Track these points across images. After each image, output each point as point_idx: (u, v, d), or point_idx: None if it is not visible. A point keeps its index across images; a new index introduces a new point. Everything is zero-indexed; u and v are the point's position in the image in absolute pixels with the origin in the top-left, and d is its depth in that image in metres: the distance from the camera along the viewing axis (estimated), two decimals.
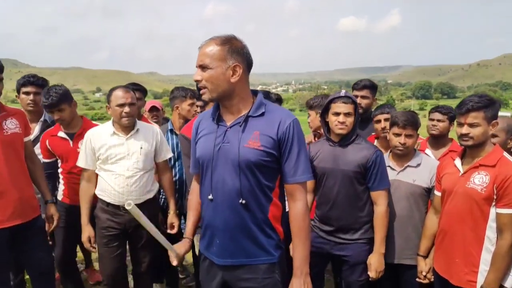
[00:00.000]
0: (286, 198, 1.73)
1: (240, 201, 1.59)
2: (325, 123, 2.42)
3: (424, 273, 2.29)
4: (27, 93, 2.96)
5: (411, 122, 2.37)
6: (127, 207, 1.51)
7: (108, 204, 2.51)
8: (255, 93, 1.69)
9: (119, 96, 2.45)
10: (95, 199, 2.59)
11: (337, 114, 2.28)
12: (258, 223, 1.63)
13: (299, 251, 1.62)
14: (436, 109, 2.95)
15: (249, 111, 1.63)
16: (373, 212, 2.32)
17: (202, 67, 1.56)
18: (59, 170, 2.84)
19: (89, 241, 2.55)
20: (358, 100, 3.03)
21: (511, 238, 1.88)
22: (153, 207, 2.67)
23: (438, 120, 2.87)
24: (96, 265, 3.78)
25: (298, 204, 1.65)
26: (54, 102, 2.61)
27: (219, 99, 1.62)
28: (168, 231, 2.70)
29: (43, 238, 2.54)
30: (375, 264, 2.27)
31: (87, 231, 2.54)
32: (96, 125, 2.85)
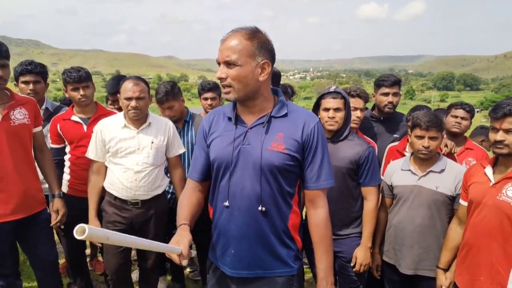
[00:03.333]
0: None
1: (260, 208, 1.48)
2: None
3: (443, 287, 2.16)
4: (26, 83, 2.81)
5: (435, 123, 2.19)
6: (77, 236, 1.05)
7: (115, 198, 2.44)
8: (274, 90, 1.56)
9: (127, 88, 2.34)
10: (103, 191, 2.53)
11: (327, 109, 2.26)
12: (277, 232, 1.53)
13: (323, 262, 1.53)
14: (461, 106, 2.82)
15: (272, 111, 1.50)
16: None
17: (228, 64, 1.41)
18: (67, 157, 2.75)
19: None
20: (390, 98, 2.83)
21: None
22: (161, 204, 2.59)
23: (462, 118, 2.76)
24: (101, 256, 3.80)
25: (321, 211, 1.56)
26: (84, 76, 2.60)
27: (244, 99, 1.48)
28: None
29: (48, 232, 2.49)
30: (361, 258, 2.27)
31: (94, 225, 2.47)
32: (111, 112, 2.78)
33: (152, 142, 2.43)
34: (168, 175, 2.68)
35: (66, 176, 2.75)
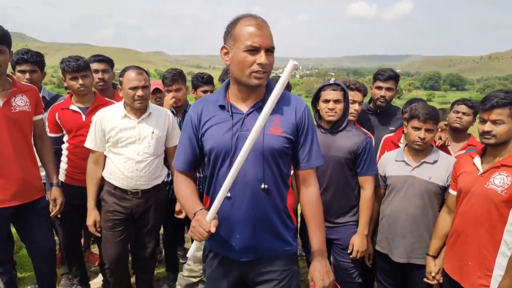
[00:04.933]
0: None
1: (262, 186, 1.53)
2: (316, 111, 2.45)
3: (433, 274, 2.25)
4: (22, 72, 2.81)
5: (433, 116, 2.28)
6: None
7: (115, 187, 2.47)
8: None
9: (131, 78, 2.37)
10: (101, 181, 2.55)
11: (327, 101, 2.33)
12: (279, 212, 1.59)
13: (317, 236, 1.60)
14: (462, 101, 2.85)
15: (265, 96, 1.54)
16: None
17: (270, 51, 1.46)
18: (64, 146, 2.76)
19: (95, 225, 2.51)
20: (382, 92, 2.91)
21: None
22: (161, 193, 2.63)
23: (464, 113, 2.78)
24: (94, 248, 3.77)
25: (312, 189, 1.63)
26: (83, 65, 2.61)
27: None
28: (176, 216, 2.69)
29: (46, 219, 2.50)
30: (357, 245, 2.36)
31: (93, 215, 2.50)
32: (109, 101, 2.80)
33: (153, 132, 2.46)
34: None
35: (63, 165, 2.76)
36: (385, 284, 2.58)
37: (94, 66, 2.97)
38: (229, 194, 1.54)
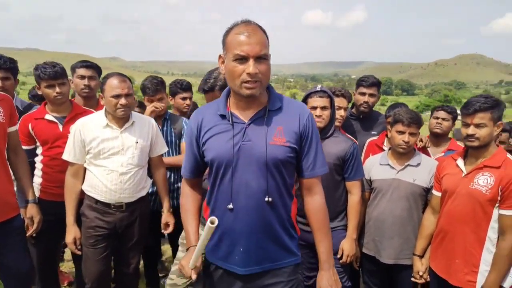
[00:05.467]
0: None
1: (266, 199, 1.48)
2: None
3: (420, 273, 2.32)
4: None
5: (416, 120, 2.38)
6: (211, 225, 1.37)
7: (97, 201, 2.33)
8: None
9: (114, 85, 2.25)
10: (81, 195, 2.39)
11: (314, 108, 2.35)
12: (283, 223, 1.56)
13: (324, 245, 1.58)
14: (441, 108, 2.99)
15: (268, 105, 1.52)
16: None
17: (260, 59, 1.39)
18: (38, 159, 2.56)
19: (75, 242, 2.35)
20: (366, 98, 2.99)
21: None
22: (145, 206, 2.52)
23: (443, 119, 2.91)
24: (65, 266, 3.57)
25: (318, 197, 1.61)
26: (60, 72, 2.47)
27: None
28: (163, 231, 2.58)
29: (21, 239, 2.29)
30: (347, 250, 2.38)
31: (73, 231, 2.34)
32: (87, 110, 2.65)
33: (137, 142, 2.36)
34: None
35: (37, 179, 2.55)
36: (371, 285, 2.63)
37: (81, 72, 2.82)
38: (231, 206, 1.51)
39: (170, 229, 2.59)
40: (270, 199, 1.49)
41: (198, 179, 1.74)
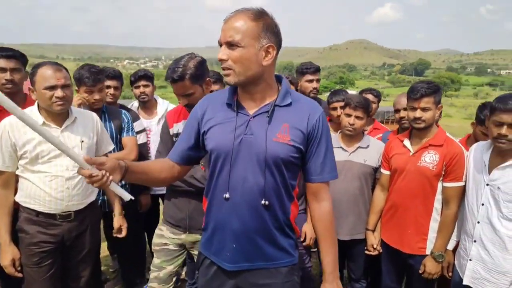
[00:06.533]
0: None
1: (263, 202, 1.41)
2: None
3: (374, 246, 2.52)
4: None
5: (363, 105, 2.52)
6: None
7: (38, 213, 2.00)
8: (278, 78, 1.50)
9: (47, 75, 1.92)
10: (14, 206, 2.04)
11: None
12: (280, 225, 1.49)
13: (329, 255, 1.51)
14: (369, 91, 3.25)
15: (276, 100, 1.44)
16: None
17: (230, 45, 1.33)
18: None
19: (13, 264, 2.00)
20: (314, 85, 3.08)
21: (455, 207, 2.20)
22: (96, 212, 2.25)
23: (372, 102, 3.12)
24: None
25: (325, 204, 1.54)
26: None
27: (245, 84, 1.39)
28: (115, 235, 2.34)
29: None
30: (310, 232, 2.47)
31: (9, 252, 1.99)
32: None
33: (82, 141, 2.07)
34: None
35: None
36: None
37: (1, 63, 2.31)
38: (228, 195, 1.44)
39: (124, 233, 2.37)
40: (267, 202, 1.42)
41: (181, 166, 1.59)
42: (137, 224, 2.84)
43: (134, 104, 3.34)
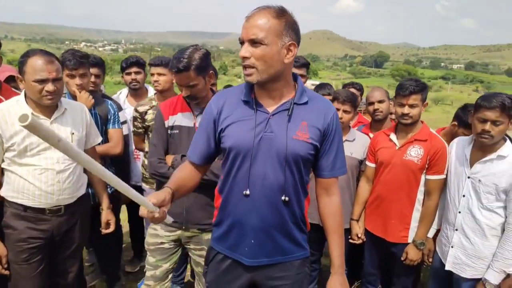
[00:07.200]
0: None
1: (283, 198, 1.45)
2: None
3: (359, 235, 2.63)
4: None
5: (351, 99, 2.60)
6: (22, 124, 0.87)
7: (26, 208, 1.91)
8: (293, 76, 1.52)
9: (38, 68, 1.81)
10: None
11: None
12: (296, 220, 1.53)
13: (338, 249, 1.55)
14: (352, 85, 3.33)
15: (294, 98, 1.46)
16: None
17: (254, 42, 1.33)
18: None
19: (0, 262, 1.91)
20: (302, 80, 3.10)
21: (436, 198, 2.35)
22: (86, 205, 2.19)
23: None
24: None
25: (335, 198, 1.59)
26: None
27: (267, 81, 1.40)
28: (104, 231, 2.28)
29: None
30: None
31: None
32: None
33: (73, 133, 1.99)
34: None
35: None
36: (314, 252, 2.87)
37: None
38: (248, 192, 1.45)
39: (112, 228, 2.32)
40: (286, 198, 1.46)
41: (202, 167, 1.60)
42: (116, 217, 2.77)
43: (123, 91, 3.22)
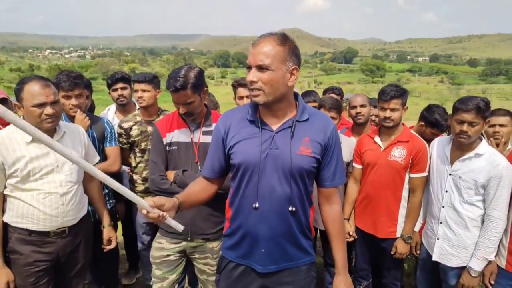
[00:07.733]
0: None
1: (290, 208, 1.57)
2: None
3: (351, 233, 2.79)
4: None
5: (336, 106, 2.76)
6: None
7: (31, 232, 1.93)
8: (294, 95, 1.64)
9: (35, 92, 1.85)
10: None
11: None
12: (302, 228, 1.65)
13: (341, 252, 1.68)
14: (331, 90, 3.49)
15: (296, 116, 1.58)
16: None
17: (261, 68, 1.45)
18: None
19: (8, 287, 1.91)
20: None
21: (420, 195, 2.52)
22: (88, 225, 2.22)
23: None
24: None
25: (336, 207, 1.72)
26: None
27: (273, 102, 1.52)
28: (106, 247, 2.32)
29: None
30: None
31: (4, 275, 1.91)
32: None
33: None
34: None
35: None
36: None
37: None
38: (257, 205, 1.56)
39: (113, 245, 2.36)
40: (293, 208, 1.58)
41: (217, 180, 1.74)
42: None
43: (111, 108, 3.24)
